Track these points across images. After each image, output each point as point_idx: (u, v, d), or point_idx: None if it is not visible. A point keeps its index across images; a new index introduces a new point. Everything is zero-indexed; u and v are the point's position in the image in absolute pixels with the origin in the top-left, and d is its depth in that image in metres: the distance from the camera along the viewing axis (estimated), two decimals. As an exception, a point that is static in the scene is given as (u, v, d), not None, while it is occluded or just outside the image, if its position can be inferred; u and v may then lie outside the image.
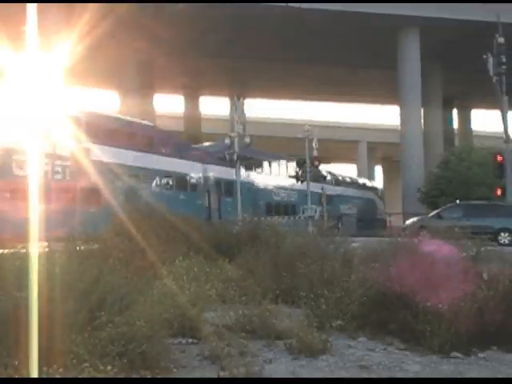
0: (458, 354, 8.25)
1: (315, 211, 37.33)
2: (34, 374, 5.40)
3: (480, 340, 8.56)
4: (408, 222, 31.62)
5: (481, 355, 8.36)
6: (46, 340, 5.95)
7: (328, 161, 70.43)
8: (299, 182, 38.44)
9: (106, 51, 50.74)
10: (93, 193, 28.48)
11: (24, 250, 8.18)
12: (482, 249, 12.35)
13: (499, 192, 33.08)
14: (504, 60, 31.34)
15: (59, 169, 28.78)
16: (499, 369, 7.80)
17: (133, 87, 53.54)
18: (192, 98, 72.05)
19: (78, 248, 10.66)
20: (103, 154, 29.72)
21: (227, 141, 33.96)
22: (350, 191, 59.02)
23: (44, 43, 6.19)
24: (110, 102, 69.49)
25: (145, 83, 56.20)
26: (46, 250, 9.18)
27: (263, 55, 58.44)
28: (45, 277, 6.56)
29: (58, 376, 5.69)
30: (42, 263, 6.79)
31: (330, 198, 48.51)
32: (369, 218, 55.70)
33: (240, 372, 6.79)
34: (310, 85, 68.95)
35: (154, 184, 35.50)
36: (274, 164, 47.66)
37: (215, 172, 39.70)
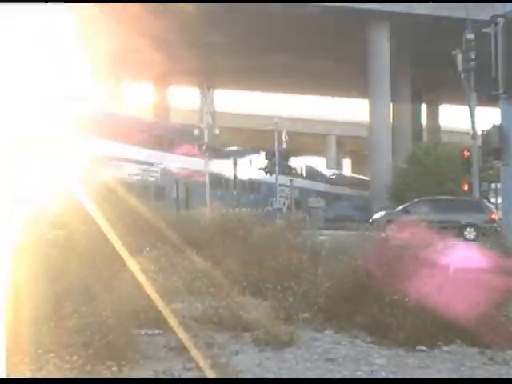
0: (424, 348, 8.32)
1: (283, 203, 37.42)
2: (2, 365, 5.35)
3: (445, 333, 8.64)
4: (375, 216, 31.76)
5: (445, 348, 8.43)
6: (12, 330, 5.89)
7: (297, 153, 70.58)
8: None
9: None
10: None
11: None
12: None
13: (466, 187, 33.35)
14: (473, 56, 31.50)
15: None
16: (463, 362, 7.88)
17: (101, 75, 53.04)
18: (161, 88, 71.56)
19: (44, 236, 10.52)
20: None
21: (196, 132, 33.93)
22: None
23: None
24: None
25: (113, 72, 55.74)
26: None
27: (234, 46, 58.26)
28: (11, 266, 6.49)
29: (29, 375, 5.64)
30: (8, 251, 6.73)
31: None
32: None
33: (206, 363, 6.78)
34: (280, 77, 68.94)
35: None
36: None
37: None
